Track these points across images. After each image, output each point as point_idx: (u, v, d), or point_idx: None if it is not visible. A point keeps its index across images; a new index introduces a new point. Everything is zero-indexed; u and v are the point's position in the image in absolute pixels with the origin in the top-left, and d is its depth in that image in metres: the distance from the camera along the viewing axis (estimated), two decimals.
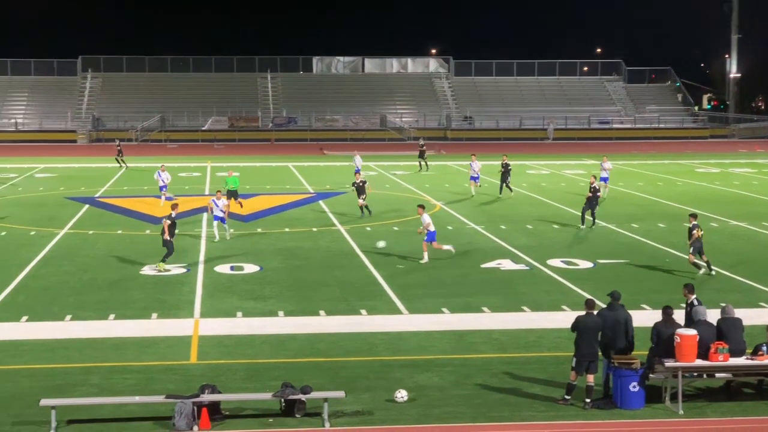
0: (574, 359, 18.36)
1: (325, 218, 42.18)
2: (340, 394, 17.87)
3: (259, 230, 38.80)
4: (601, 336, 18.38)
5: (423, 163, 64.48)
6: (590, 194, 38.80)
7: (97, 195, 50.68)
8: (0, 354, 21.52)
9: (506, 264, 31.83)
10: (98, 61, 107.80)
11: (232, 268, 31.07)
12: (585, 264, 31.90)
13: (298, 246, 35.22)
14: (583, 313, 18.68)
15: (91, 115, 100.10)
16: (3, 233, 37.40)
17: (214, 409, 17.41)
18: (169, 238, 30.46)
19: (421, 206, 33.24)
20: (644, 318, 22.72)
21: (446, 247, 32.49)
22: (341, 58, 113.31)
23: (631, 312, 19.11)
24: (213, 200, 36.37)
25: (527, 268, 31.28)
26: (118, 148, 66.57)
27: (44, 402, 17.18)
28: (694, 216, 30.15)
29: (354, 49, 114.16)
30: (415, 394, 18.61)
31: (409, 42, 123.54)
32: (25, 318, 24.68)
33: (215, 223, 36.12)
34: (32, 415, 17.32)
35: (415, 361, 21.14)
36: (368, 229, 38.90)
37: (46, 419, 16.89)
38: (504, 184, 49.25)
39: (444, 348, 22.23)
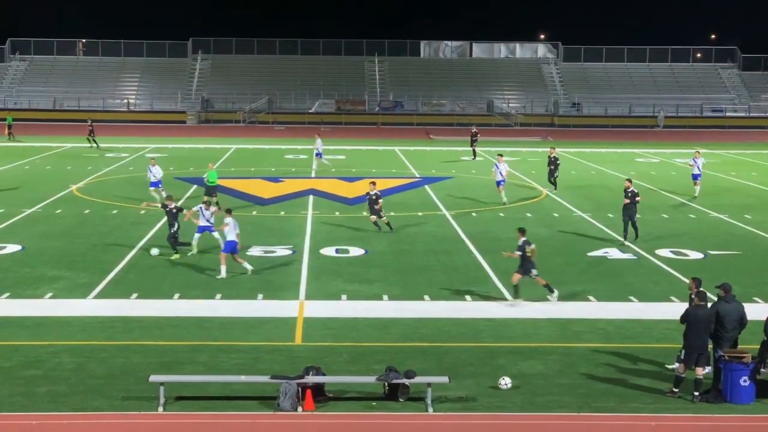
0: (684, 351, 18.00)
1: (430, 203, 42.10)
2: (444, 379, 17.82)
3: (364, 214, 38.85)
4: (713, 329, 17.97)
5: (474, 150, 62.47)
6: (627, 201, 32.60)
7: (205, 176, 51.24)
8: (111, 330, 21.97)
9: (613, 253, 31.36)
10: (208, 43, 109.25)
11: (337, 251, 31.20)
12: (695, 255, 31.26)
13: (403, 230, 35.19)
14: (692, 305, 18.28)
15: (200, 97, 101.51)
16: (114, 212, 38.15)
17: (318, 390, 17.51)
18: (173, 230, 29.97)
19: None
20: (757, 311, 22.14)
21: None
22: (449, 43, 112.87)
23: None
24: (200, 207, 30.43)
25: (635, 257, 30.78)
26: (90, 127, 67.38)
27: (153, 378, 17.49)
28: None
29: (462, 34, 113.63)
30: (519, 382, 18.47)
31: (517, 27, 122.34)
32: (134, 295, 25.14)
33: (197, 235, 30.31)
34: (141, 391, 17.64)
35: (520, 348, 20.98)
36: (474, 214, 38.71)
37: (155, 395, 17.18)
38: (552, 179, 46.32)
39: (549, 336, 22.00)
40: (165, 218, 35.53)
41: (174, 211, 30.31)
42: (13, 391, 17.73)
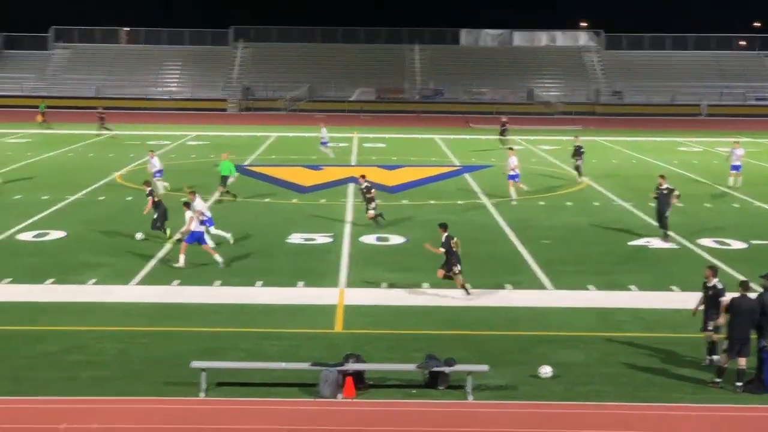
0: (727, 342, 17.88)
1: (470, 191, 42.02)
2: (484, 367, 17.82)
3: (405, 202, 38.90)
4: (758, 319, 17.81)
5: (504, 139, 61.62)
6: (655, 194, 31.66)
7: (245, 163, 51.57)
8: (153, 316, 22.15)
9: (655, 242, 31.15)
10: (249, 31, 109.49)
11: (377, 239, 31.24)
12: (738, 244, 30.99)
13: (443, 218, 34.96)
14: (737, 294, 18.14)
15: (241, 85, 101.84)
16: (157, 199, 38.30)
17: (358, 378, 17.56)
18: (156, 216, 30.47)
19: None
20: None
21: None
22: (489, 31, 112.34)
23: None
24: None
25: (677, 246, 30.56)
26: (102, 116, 67.60)
27: (195, 364, 17.61)
28: None
29: (503, 22, 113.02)
30: (560, 371, 18.42)
31: (558, 15, 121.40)
32: (176, 282, 25.31)
33: (214, 230, 29.59)
34: (183, 377, 17.77)
35: (560, 337, 20.92)
36: (513, 203, 38.58)
37: (196, 381, 17.30)
38: (576, 167, 45.60)
39: (589, 325, 21.92)
40: (206, 206, 35.86)
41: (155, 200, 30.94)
42: (57, 375, 17.94)
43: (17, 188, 40.80)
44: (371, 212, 33.15)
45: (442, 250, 24.23)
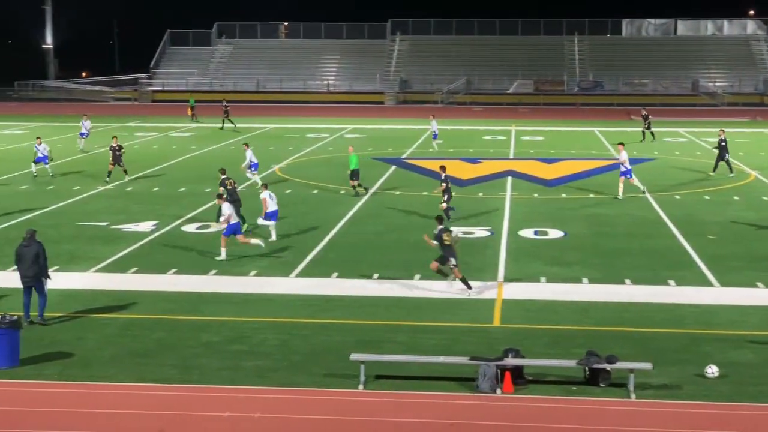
0: None
1: (631, 185, 41.09)
2: (647, 365, 17.37)
3: (564, 195, 38.39)
4: None
5: (648, 133, 59.40)
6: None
7: (403, 156, 51.78)
8: (313, 308, 22.39)
9: None
10: (407, 24, 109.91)
11: (535, 233, 30.90)
12: None
13: (603, 212, 34.57)
14: None
15: (398, 78, 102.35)
16: (315, 191, 38.87)
17: (517, 373, 17.35)
18: None
19: None
20: None
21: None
22: (652, 21, 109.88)
23: None
24: (268, 194, 29.77)
25: None
26: (225, 108, 67.61)
27: (354, 357, 17.70)
28: None
29: (666, 11, 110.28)
30: (727, 370, 17.81)
31: (725, 3, 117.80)
32: (335, 274, 25.54)
33: (272, 223, 29.67)
34: (342, 369, 17.89)
35: (727, 335, 20.25)
36: (677, 197, 37.63)
37: (355, 373, 17.38)
38: (721, 161, 43.72)
39: (758, 324, 21.15)
40: (364, 199, 36.09)
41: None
42: (221, 365, 18.31)
43: (181, 180, 41.88)
44: (443, 204, 32.52)
45: (435, 243, 23.56)
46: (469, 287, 23.40)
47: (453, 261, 23.36)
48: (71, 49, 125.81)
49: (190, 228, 31.70)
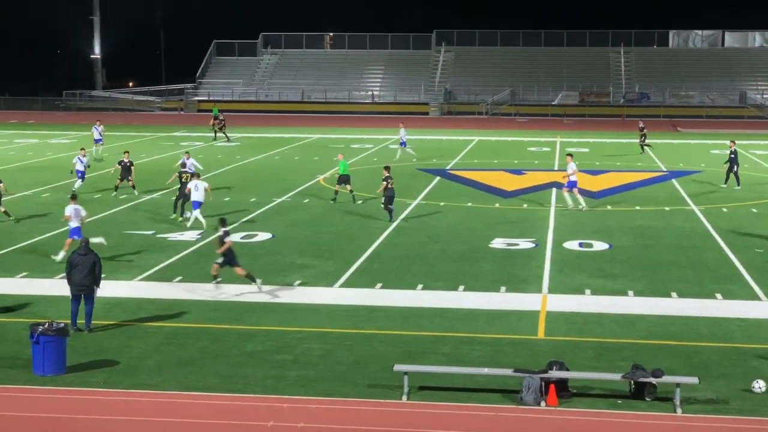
0: None
1: (677, 197, 40.85)
2: (694, 380, 17.19)
3: (609, 207, 38.16)
4: None
5: (644, 145, 59.32)
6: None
7: (448, 167, 51.74)
8: (357, 318, 22.41)
9: None
10: (451, 35, 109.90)
11: (580, 245, 30.74)
12: None
13: (649, 225, 34.32)
14: None
15: (443, 88, 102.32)
16: (359, 202, 38.89)
17: (561, 386, 17.25)
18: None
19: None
20: None
21: None
22: (699, 32, 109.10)
23: None
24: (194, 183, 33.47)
25: None
26: (221, 119, 68.01)
27: (398, 367, 17.68)
28: None
29: (714, 23, 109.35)
30: None
31: None
32: (379, 285, 25.54)
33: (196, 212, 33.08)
34: (386, 379, 17.88)
35: None
36: (724, 210, 37.29)
37: (399, 384, 17.36)
38: (730, 174, 43.48)
39: None
40: (408, 209, 36.10)
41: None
42: (265, 374, 18.36)
43: (226, 190, 42.08)
44: (383, 206, 34.68)
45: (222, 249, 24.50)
46: (254, 280, 24.45)
47: (220, 260, 24.43)
48: (118, 60, 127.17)
49: (235, 237, 31.76)
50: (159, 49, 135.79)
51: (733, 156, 43.05)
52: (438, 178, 46.74)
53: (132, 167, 40.88)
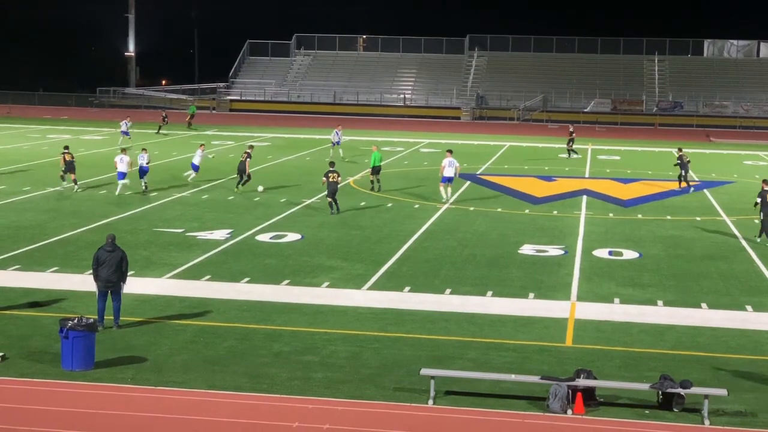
0: None
1: (709, 207, 40.61)
2: (722, 391, 17.05)
3: (639, 216, 37.97)
4: None
5: (569, 149, 60.27)
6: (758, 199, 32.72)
7: (478, 172, 51.65)
8: (385, 321, 22.39)
9: None
10: (485, 40, 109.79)
11: (610, 253, 30.60)
12: None
13: (679, 235, 34.12)
14: None
15: (475, 93, 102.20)
16: (389, 205, 38.91)
17: (588, 394, 17.16)
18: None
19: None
20: None
21: None
22: (734, 42, 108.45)
23: None
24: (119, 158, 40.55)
25: None
26: (164, 115, 72.87)
27: (424, 372, 17.64)
28: None
29: (750, 33, 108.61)
30: None
31: None
32: (407, 288, 25.52)
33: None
34: (412, 383, 17.85)
35: None
36: (756, 221, 36.97)
37: (425, 388, 17.33)
38: (680, 178, 45.30)
39: None
40: (438, 214, 36.01)
41: None
42: (291, 375, 18.37)
43: (255, 191, 42.14)
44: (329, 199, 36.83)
45: None
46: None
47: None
48: (152, 57, 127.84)
49: (264, 237, 31.92)
50: (193, 47, 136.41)
51: (680, 162, 44.92)
52: (468, 182, 46.66)
53: (74, 162, 41.39)
